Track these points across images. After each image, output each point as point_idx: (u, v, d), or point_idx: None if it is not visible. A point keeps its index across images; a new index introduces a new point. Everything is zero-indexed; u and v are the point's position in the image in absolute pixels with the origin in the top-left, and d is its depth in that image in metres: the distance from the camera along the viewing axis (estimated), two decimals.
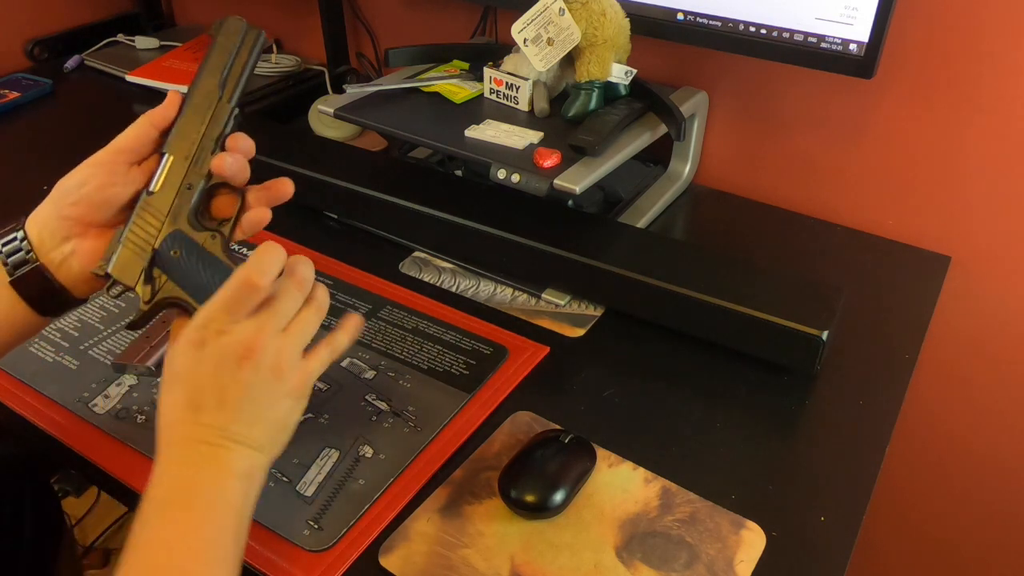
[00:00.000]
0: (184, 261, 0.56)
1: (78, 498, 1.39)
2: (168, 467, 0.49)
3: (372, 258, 0.85)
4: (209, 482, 0.49)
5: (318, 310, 0.54)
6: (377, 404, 0.67)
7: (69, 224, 0.56)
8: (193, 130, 0.57)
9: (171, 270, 0.55)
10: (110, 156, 0.56)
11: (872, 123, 0.89)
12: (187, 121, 0.57)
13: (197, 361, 0.50)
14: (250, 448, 0.50)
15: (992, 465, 1.01)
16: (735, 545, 0.57)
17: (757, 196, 0.99)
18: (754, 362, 0.71)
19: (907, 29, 0.81)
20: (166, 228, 0.56)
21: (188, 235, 0.56)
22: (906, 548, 1.15)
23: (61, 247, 0.56)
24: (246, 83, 0.59)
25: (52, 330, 0.74)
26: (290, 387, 0.51)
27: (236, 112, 0.59)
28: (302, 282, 0.54)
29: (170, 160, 0.57)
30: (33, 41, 1.30)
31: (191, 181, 0.57)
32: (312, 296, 0.54)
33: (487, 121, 0.82)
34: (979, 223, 0.88)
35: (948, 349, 0.95)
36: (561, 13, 0.78)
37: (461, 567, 0.55)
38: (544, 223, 0.80)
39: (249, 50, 0.59)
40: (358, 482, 0.60)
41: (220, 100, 0.58)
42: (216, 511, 0.48)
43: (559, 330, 0.76)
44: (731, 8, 0.78)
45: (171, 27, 1.45)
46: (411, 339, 0.74)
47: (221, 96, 0.58)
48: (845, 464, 0.64)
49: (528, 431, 0.65)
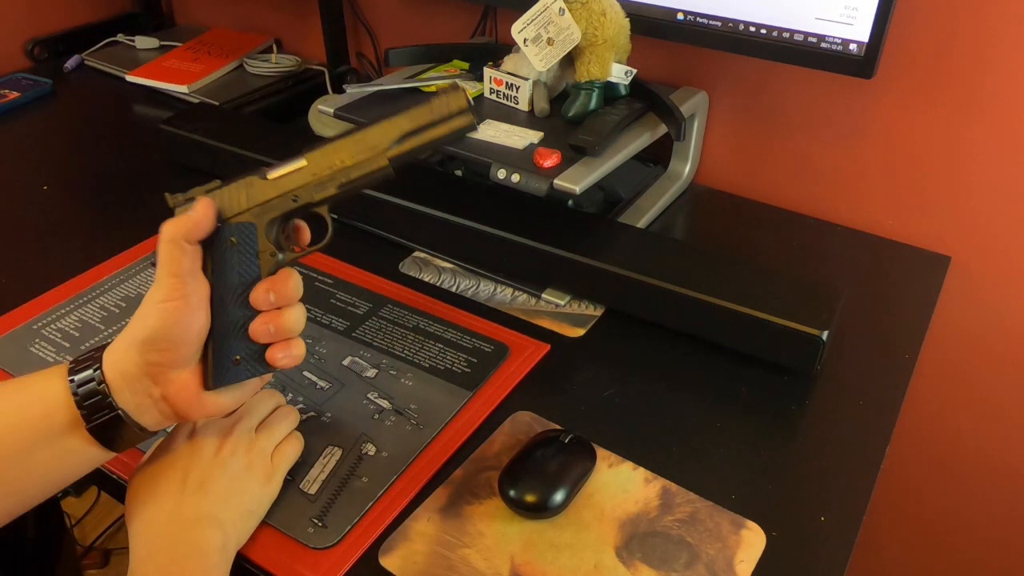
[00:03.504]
0: (232, 254, 0.53)
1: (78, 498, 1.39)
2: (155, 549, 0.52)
3: (372, 258, 0.85)
4: (198, 557, 0.52)
5: (285, 415, 0.62)
6: (379, 402, 0.67)
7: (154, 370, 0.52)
8: (339, 157, 0.54)
9: (216, 252, 0.53)
10: (173, 282, 0.51)
11: (872, 123, 0.89)
12: (343, 146, 0.54)
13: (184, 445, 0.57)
14: (221, 527, 0.54)
15: (993, 465, 1.01)
16: (735, 545, 0.57)
17: (757, 196, 0.99)
18: (754, 362, 0.71)
19: (907, 29, 0.81)
20: (249, 215, 0.53)
21: (257, 237, 0.54)
22: (907, 548, 1.15)
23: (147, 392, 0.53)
24: (417, 153, 0.56)
25: (52, 330, 0.74)
26: (258, 475, 0.58)
27: (387, 171, 0.55)
28: (275, 394, 0.64)
29: (301, 165, 0.54)
30: (33, 41, 1.30)
31: (299, 195, 0.54)
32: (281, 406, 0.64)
33: (487, 121, 0.83)
34: (979, 223, 0.88)
35: (948, 349, 0.95)
36: (561, 13, 0.78)
37: (461, 567, 0.55)
38: (544, 223, 0.80)
39: (451, 129, 0.55)
40: (361, 480, 0.61)
41: (384, 151, 0.55)
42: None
43: (559, 330, 0.76)
44: (731, 8, 0.78)
45: (171, 27, 1.45)
46: (412, 337, 0.74)
47: (388, 149, 0.55)
48: (845, 464, 0.64)
49: (528, 431, 0.65)
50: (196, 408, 0.54)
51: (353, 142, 0.54)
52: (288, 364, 0.55)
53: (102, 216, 0.93)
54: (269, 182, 0.54)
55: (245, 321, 0.54)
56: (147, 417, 0.53)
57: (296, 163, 0.54)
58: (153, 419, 0.54)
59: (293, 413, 0.63)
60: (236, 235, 0.53)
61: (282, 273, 0.55)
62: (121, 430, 0.52)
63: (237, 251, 0.53)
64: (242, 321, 0.54)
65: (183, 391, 0.53)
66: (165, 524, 0.53)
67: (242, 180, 0.54)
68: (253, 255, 0.54)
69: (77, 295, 0.78)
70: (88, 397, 0.51)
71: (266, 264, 0.54)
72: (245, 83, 1.21)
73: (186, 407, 0.53)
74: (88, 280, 0.81)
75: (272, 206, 0.54)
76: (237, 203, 0.53)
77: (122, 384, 0.52)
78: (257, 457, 0.58)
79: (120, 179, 1.00)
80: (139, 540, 0.53)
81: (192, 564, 0.51)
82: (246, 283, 0.54)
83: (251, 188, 0.54)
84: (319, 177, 0.54)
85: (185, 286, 0.51)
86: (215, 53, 1.27)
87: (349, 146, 0.54)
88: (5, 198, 0.96)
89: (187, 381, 0.53)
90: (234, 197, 0.53)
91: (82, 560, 1.47)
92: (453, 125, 0.55)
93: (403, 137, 0.55)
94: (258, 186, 0.54)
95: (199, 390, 0.54)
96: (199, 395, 0.54)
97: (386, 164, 0.55)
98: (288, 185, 0.54)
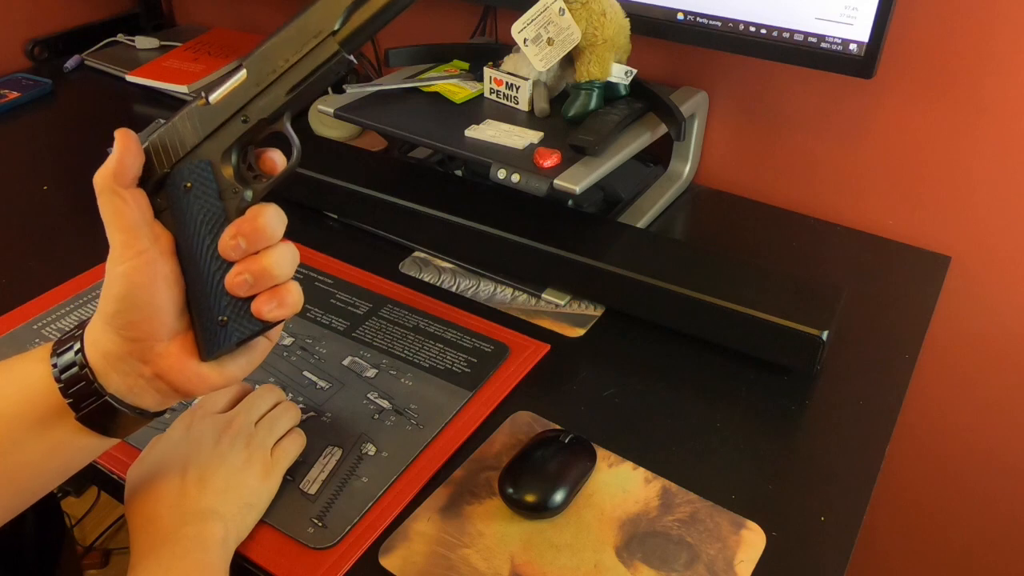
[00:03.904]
0: (191, 200, 0.47)
1: (78, 498, 1.39)
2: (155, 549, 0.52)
3: (372, 258, 0.85)
4: (199, 551, 0.51)
5: (286, 410, 0.62)
6: (379, 402, 0.67)
7: (136, 347, 0.47)
8: (281, 56, 0.46)
9: (173, 203, 0.47)
10: (123, 239, 0.45)
11: (872, 123, 0.89)
12: (282, 42, 0.46)
13: (183, 437, 0.58)
14: (222, 520, 0.53)
15: (993, 465, 1.01)
16: (735, 545, 0.57)
17: (757, 196, 0.99)
18: (754, 362, 0.71)
19: (908, 29, 0.81)
20: (199, 152, 0.46)
21: (215, 173, 0.47)
22: (907, 548, 1.15)
23: (137, 372, 0.47)
24: (372, 28, 0.45)
25: (52, 330, 0.74)
26: (257, 469, 0.57)
27: (344, 59, 0.46)
28: (275, 390, 0.64)
29: (242, 77, 0.46)
30: (33, 41, 1.30)
31: (249, 114, 0.46)
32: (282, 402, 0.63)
33: (487, 121, 0.83)
34: (980, 223, 0.88)
35: (948, 349, 0.95)
36: (561, 13, 0.78)
37: (461, 567, 0.55)
38: (544, 223, 0.80)
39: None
40: (361, 480, 0.61)
41: (331, 35, 0.45)
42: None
43: (559, 330, 0.76)
44: (731, 8, 0.78)
45: (171, 27, 1.45)
46: (412, 337, 0.74)
47: (336, 31, 0.45)
48: (845, 464, 0.64)
49: (528, 431, 0.65)
50: (196, 382, 0.48)
51: (294, 33, 0.46)
52: (280, 315, 0.48)
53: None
54: (212, 107, 0.46)
55: (223, 275, 0.47)
56: (145, 399, 0.48)
57: (236, 77, 0.46)
58: (153, 400, 0.48)
59: (294, 409, 0.63)
60: (190, 178, 0.47)
61: (250, 212, 0.47)
62: (116, 417, 0.47)
63: (195, 196, 0.47)
64: (219, 275, 0.47)
65: (176, 365, 0.47)
66: (166, 518, 0.53)
67: (183, 112, 0.47)
68: (214, 196, 0.47)
69: (77, 295, 0.78)
70: (72, 383, 0.46)
71: (231, 204, 0.47)
72: None
73: (184, 383, 0.48)
74: (88, 280, 0.80)
75: (222, 134, 0.47)
76: (183, 140, 0.47)
77: (107, 366, 0.46)
78: (257, 451, 0.58)
79: None
80: (140, 534, 0.53)
81: (193, 558, 0.51)
82: (213, 231, 0.47)
83: (195, 118, 0.46)
84: (262, 85, 0.46)
85: (138, 240, 0.45)
86: (215, 53, 1.27)
87: (290, 40, 0.46)
88: (5, 198, 0.96)
89: (177, 354, 0.47)
90: (178, 134, 0.46)
91: (82, 560, 1.47)
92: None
93: (350, 10, 0.45)
94: (201, 114, 0.46)
95: (194, 362, 0.48)
96: (197, 368, 0.48)
97: (337, 49, 0.46)
98: (234, 105, 0.46)
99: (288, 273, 0.48)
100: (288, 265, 0.48)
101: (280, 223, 0.48)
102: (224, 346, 0.48)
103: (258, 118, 0.47)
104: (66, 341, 0.48)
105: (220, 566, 0.52)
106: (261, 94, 0.46)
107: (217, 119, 0.47)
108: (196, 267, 0.47)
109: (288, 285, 0.48)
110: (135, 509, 0.54)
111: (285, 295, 0.48)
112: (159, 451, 0.57)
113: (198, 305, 0.48)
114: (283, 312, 0.48)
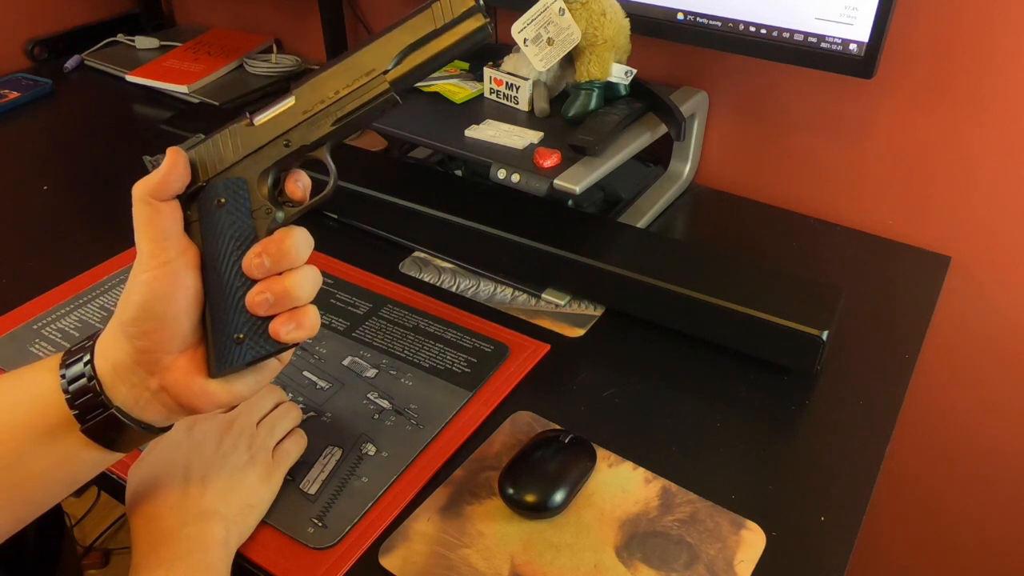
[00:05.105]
0: (222, 215, 0.47)
1: (78, 498, 1.39)
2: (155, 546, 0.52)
3: (372, 258, 0.85)
4: (201, 552, 0.51)
5: (288, 411, 0.62)
6: (379, 402, 0.67)
7: (146, 357, 0.47)
8: (331, 88, 0.47)
9: (204, 216, 0.47)
10: (151, 248, 0.46)
11: (872, 123, 0.89)
12: (335, 75, 0.47)
13: (185, 438, 0.58)
14: (223, 521, 0.54)
15: (994, 465, 1.01)
16: (735, 545, 0.57)
17: (757, 196, 0.99)
18: (754, 362, 0.71)
19: (908, 29, 0.81)
20: (237, 169, 0.47)
21: (249, 192, 0.47)
22: (907, 548, 1.15)
23: (143, 384, 0.47)
24: (423, 71, 0.47)
25: (52, 330, 0.74)
26: (258, 470, 0.57)
27: (392, 98, 0.47)
28: (276, 390, 0.64)
29: (290, 103, 0.47)
30: (33, 41, 1.30)
31: (292, 139, 0.47)
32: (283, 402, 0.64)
33: (487, 121, 0.83)
34: (980, 223, 0.88)
35: (949, 349, 0.95)
36: (561, 13, 0.78)
37: (461, 567, 0.55)
38: (544, 223, 0.80)
39: (461, 36, 0.47)
40: (361, 480, 0.61)
41: (382, 74, 0.47)
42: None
43: (559, 330, 0.76)
44: (731, 8, 0.78)
45: (171, 27, 1.45)
46: (412, 337, 0.74)
47: (387, 71, 0.47)
48: (845, 464, 0.64)
49: (528, 431, 0.65)
50: (202, 398, 0.48)
51: (346, 68, 0.47)
52: (297, 337, 0.48)
53: (102, 216, 0.93)
54: (256, 128, 0.48)
55: (245, 292, 0.48)
56: (150, 413, 0.48)
57: (284, 102, 0.48)
58: (157, 414, 0.48)
59: (295, 410, 0.63)
60: (224, 194, 0.47)
61: (278, 233, 0.48)
62: (121, 430, 0.47)
63: (227, 212, 0.47)
64: (241, 292, 0.47)
65: (182, 379, 0.47)
66: (167, 518, 0.53)
67: (226, 129, 0.48)
68: (246, 214, 0.48)
69: (77, 295, 0.78)
70: (79, 395, 0.46)
71: (262, 223, 0.48)
72: (245, 83, 1.21)
73: (190, 398, 0.48)
74: (88, 280, 0.81)
75: (262, 155, 0.48)
76: (222, 156, 0.47)
77: (115, 378, 0.47)
78: (258, 452, 0.58)
79: (120, 179, 0.99)
80: (141, 534, 0.53)
81: (194, 558, 0.51)
82: (241, 248, 0.47)
83: (236, 137, 0.47)
84: (309, 113, 0.47)
85: (165, 251, 0.45)
86: (215, 53, 1.27)
87: (342, 73, 0.47)
88: (5, 198, 0.96)
89: (185, 367, 0.47)
90: (218, 150, 0.47)
91: (82, 560, 1.47)
92: (462, 31, 0.47)
93: (404, 53, 0.47)
94: (244, 134, 0.48)
95: (201, 378, 0.48)
96: (203, 384, 0.48)
97: (387, 88, 0.47)
98: (278, 128, 0.47)
99: (309, 296, 0.49)
100: (310, 288, 0.49)
101: (307, 247, 0.49)
102: (236, 364, 0.48)
103: (300, 144, 0.48)
104: (76, 352, 0.48)
105: (221, 566, 0.52)
106: (306, 121, 0.48)
107: (259, 140, 0.48)
108: (219, 281, 0.47)
109: (307, 308, 0.49)
110: (137, 509, 0.54)
111: (303, 318, 0.48)
112: (160, 451, 0.57)
113: (216, 320, 0.48)
114: (300, 335, 0.48)
